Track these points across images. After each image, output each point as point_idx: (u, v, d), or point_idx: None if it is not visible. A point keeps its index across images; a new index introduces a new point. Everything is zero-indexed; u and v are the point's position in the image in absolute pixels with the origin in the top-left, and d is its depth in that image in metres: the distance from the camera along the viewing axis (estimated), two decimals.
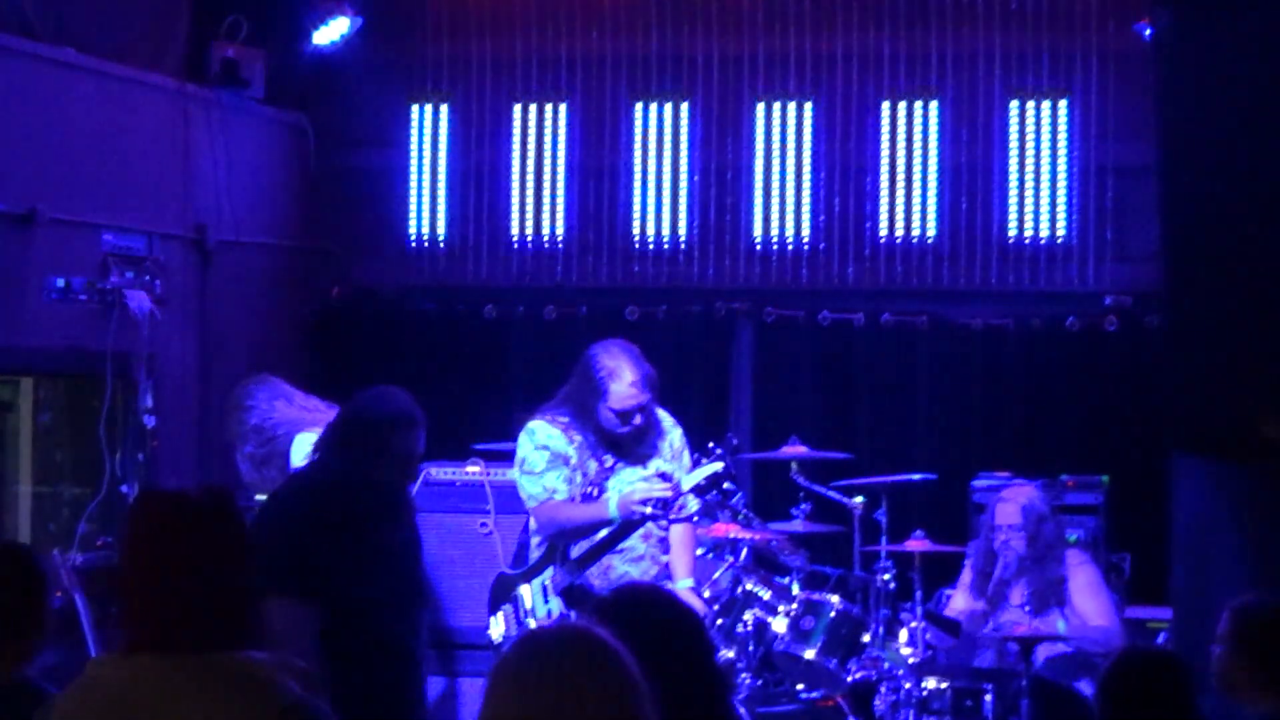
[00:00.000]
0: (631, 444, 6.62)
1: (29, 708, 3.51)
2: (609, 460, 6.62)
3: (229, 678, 3.07)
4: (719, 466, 6.43)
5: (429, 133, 10.30)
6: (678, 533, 6.73)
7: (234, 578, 3.17)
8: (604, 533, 6.52)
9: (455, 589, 7.73)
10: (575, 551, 6.57)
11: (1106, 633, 7.41)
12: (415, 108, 10.30)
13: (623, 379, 6.49)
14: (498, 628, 6.75)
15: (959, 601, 7.76)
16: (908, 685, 7.06)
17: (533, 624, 6.53)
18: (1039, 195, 9.69)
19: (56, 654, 7.23)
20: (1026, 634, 7.01)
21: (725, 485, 7.24)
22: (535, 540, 6.75)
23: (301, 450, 6.77)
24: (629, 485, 6.50)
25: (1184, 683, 4.28)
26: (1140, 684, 4.23)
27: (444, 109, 10.29)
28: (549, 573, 6.64)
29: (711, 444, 6.59)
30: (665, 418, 6.80)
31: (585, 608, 3.44)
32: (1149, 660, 4.42)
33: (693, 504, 6.52)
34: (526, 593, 6.67)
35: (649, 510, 6.36)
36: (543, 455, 6.56)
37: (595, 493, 6.58)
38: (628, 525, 6.47)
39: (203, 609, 3.11)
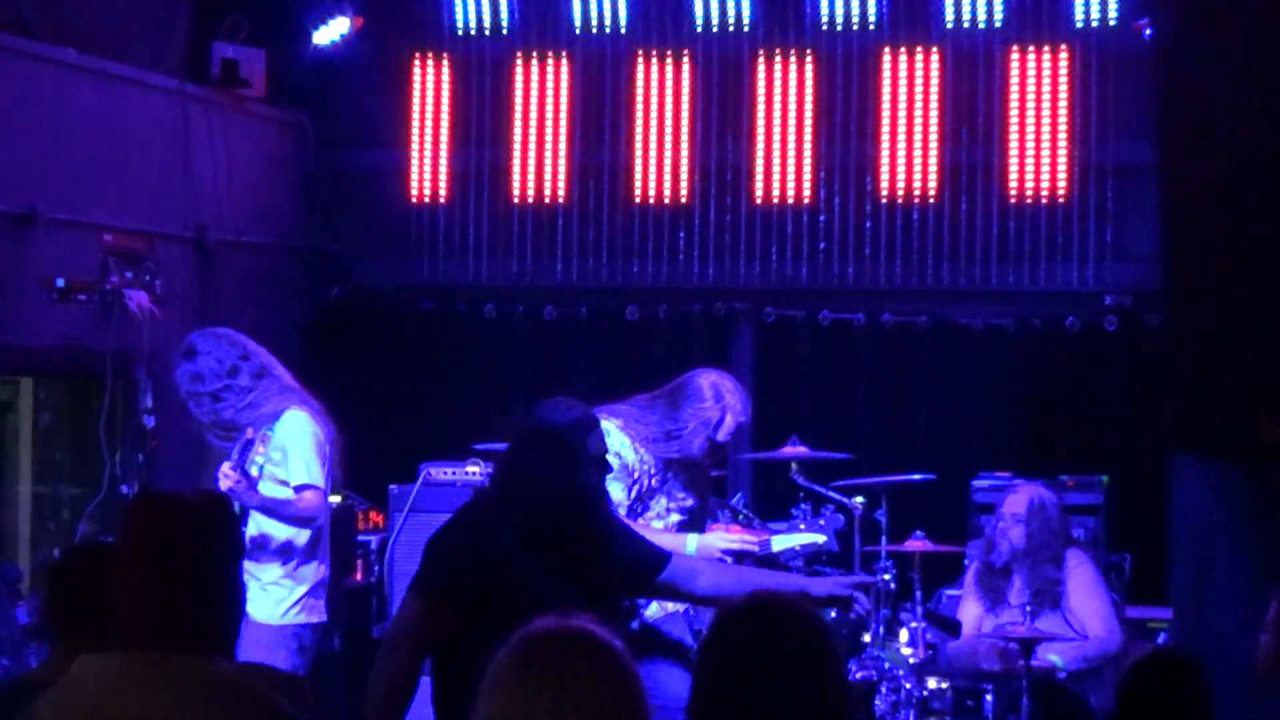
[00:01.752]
0: (682, 470, 6.63)
1: None
2: (659, 480, 6.61)
3: (217, 686, 3.07)
4: (821, 539, 6.38)
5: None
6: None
7: (225, 580, 3.19)
8: None
9: None
10: None
11: (1102, 643, 7.38)
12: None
13: (739, 417, 6.53)
14: None
15: (970, 609, 7.71)
16: (908, 685, 7.06)
17: None
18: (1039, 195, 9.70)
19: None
20: (1025, 635, 7.01)
21: (823, 559, 7.13)
22: None
23: (299, 429, 6.60)
24: (673, 508, 6.52)
25: (1203, 686, 4.24)
26: (1160, 688, 4.20)
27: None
28: None
29: (820, 513, 6.57)
30: None
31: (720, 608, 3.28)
32: (1170, 663, 4.37)
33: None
34: None
35: (729, 560, 6.36)
36: (613, 461, 6.50)
37: (640, 509, 6.56)
38: None
39: (193, 610, 3.12)
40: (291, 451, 6.59)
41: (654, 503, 6.58)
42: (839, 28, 9.88)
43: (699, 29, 10.03)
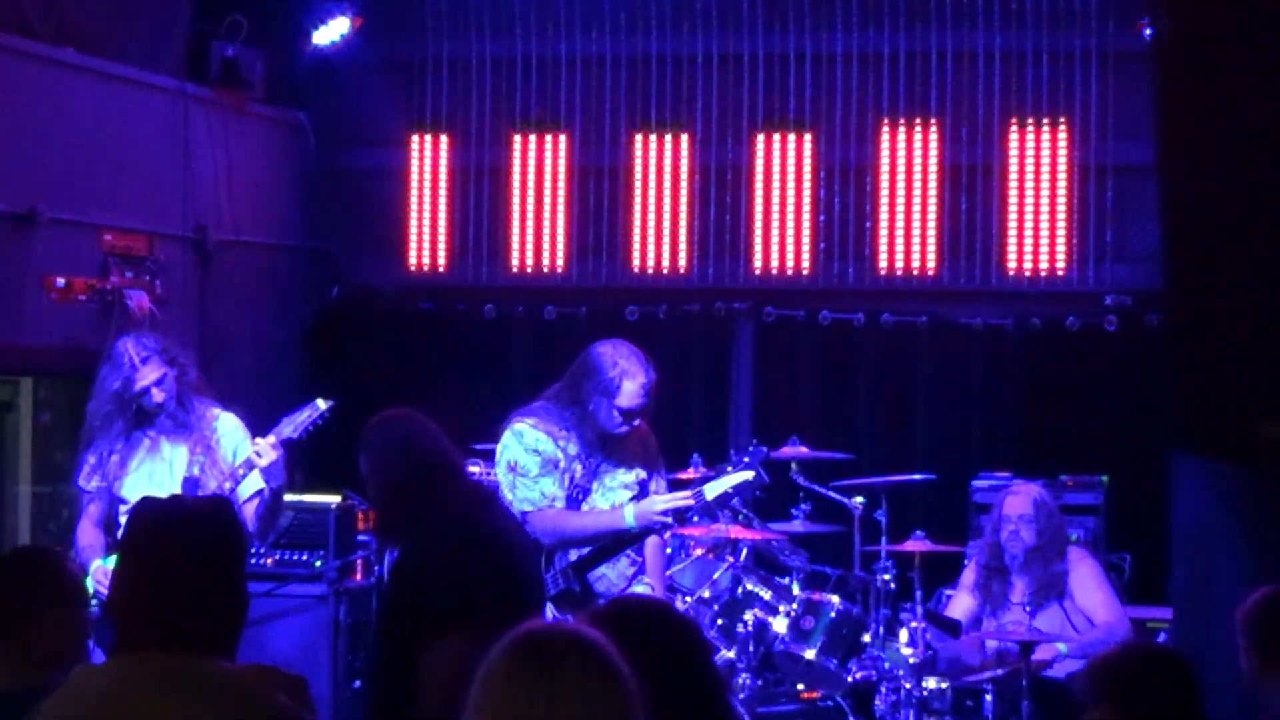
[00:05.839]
0: (621, 445, 6.58)
1: None
2: (593, 463, 6.55)
3: (219, 686, 3.07)
4: (749, 476, 6.36)
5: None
6: (651, 541, 6.64)
7: (227, 583, 3.19)
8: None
9: None
10: (571, 556, 6.51)
11: (1110, 629, 7.41)
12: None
13: (636, 379, 6.41)
14: None
15: (962, 602, 7.75)
16: (908, 685, 7.07)
17: None
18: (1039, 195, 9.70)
19: None
20: (1026, 638, 7.02)
21: (758, 493, 7.16)
22: None
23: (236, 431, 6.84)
24: (616, 486, 6.49)
25: (1191, 683, 4.10)
26: (1144, 684, 4.05)
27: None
28: None
29: (735, 452, 6.55)
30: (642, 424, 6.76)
31: (581, 613, 3.39)
32: (1153, 659, 4.24)
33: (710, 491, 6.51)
34: None
35: (670, 520, 6.33)
36: (535, 460, 6.43)
37: (580, 495, 6.51)
38: (643, 533, 6.43)
39: (195, 612, 3.13)
40: None
41: (595, 485, 6.53)
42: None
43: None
